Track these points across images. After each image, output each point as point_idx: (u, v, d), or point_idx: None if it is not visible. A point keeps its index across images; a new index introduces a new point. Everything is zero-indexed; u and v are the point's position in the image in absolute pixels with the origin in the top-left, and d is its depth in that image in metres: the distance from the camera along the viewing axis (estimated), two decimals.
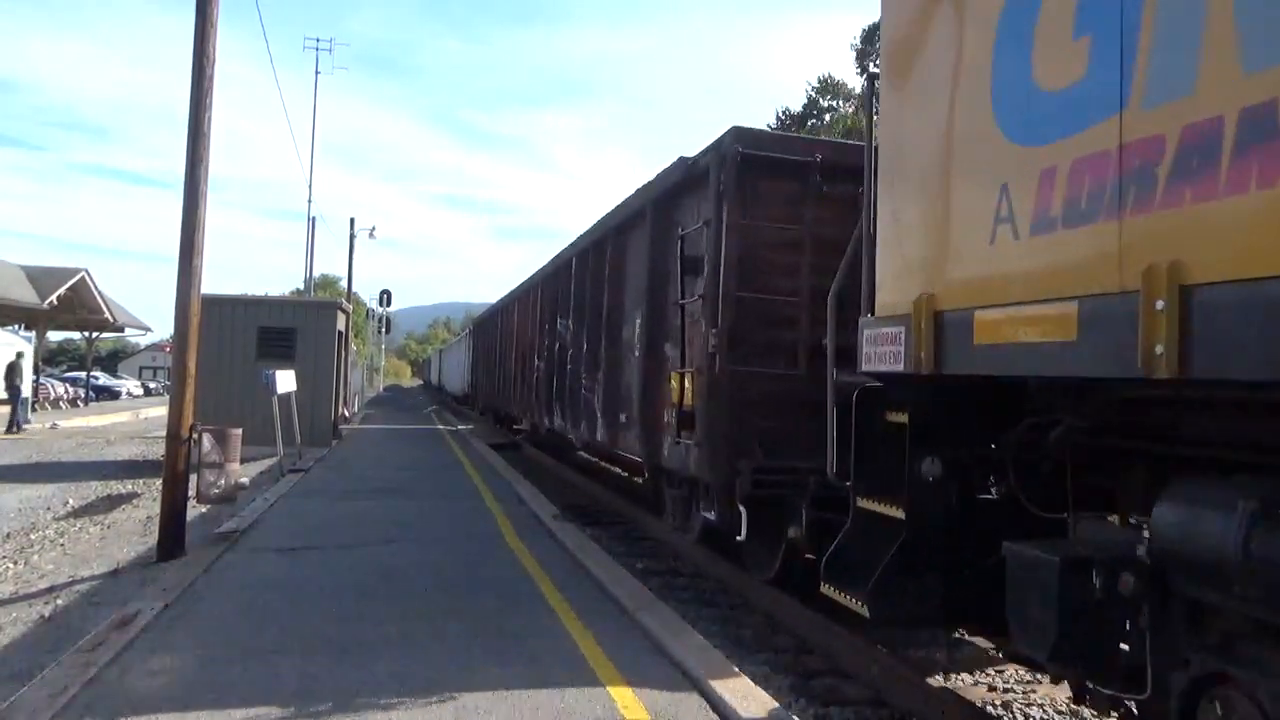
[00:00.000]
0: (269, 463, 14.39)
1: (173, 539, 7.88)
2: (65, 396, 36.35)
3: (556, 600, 6.12)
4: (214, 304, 15.66)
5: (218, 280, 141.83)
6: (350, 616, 5.60)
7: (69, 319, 31.66)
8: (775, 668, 5.40)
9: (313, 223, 33.10)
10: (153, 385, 56.15)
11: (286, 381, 14.03)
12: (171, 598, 5.90)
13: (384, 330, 51.25)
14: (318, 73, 36.26)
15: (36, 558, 8.99)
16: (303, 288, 35.31)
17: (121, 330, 36.68)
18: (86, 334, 36.54)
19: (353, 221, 39.45)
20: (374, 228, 39.95)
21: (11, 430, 22.18)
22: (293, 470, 13.56)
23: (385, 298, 44.51)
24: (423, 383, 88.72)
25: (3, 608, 7.00)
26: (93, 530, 10.41)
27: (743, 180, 6.85)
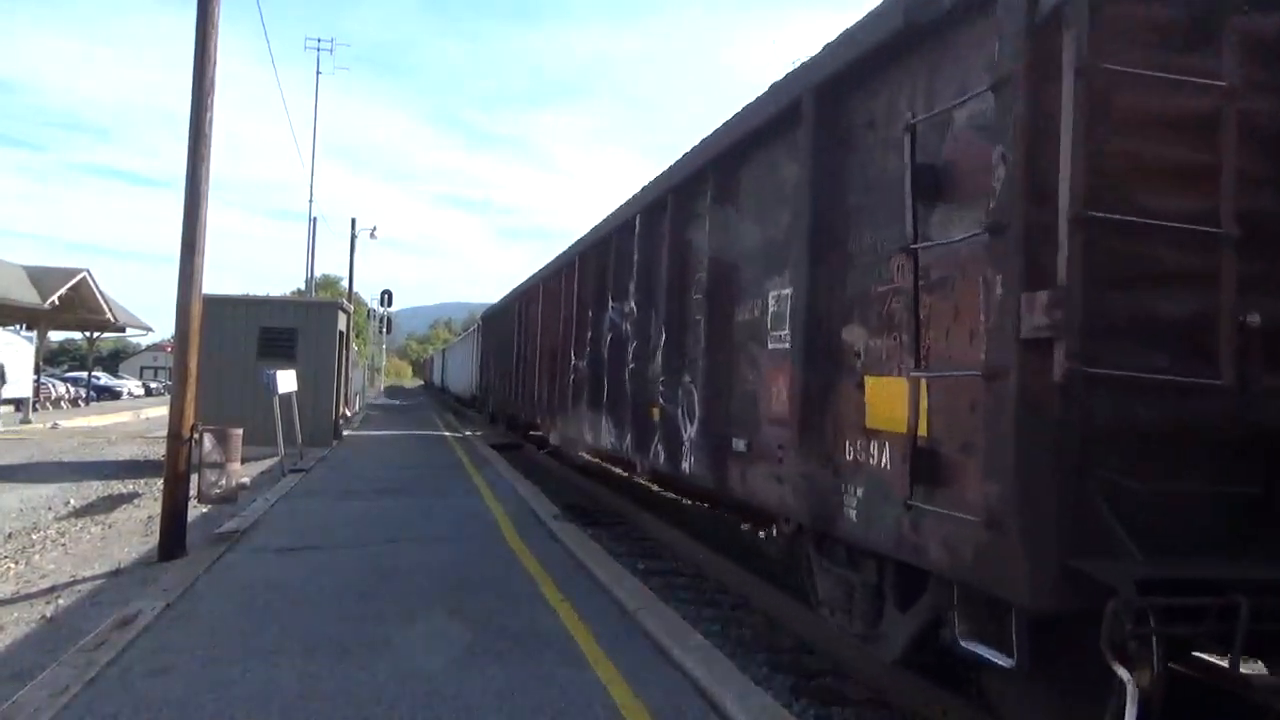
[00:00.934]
0: (270, 463, 14.40)
1: (174, 539, 7.89)
2: (66, 396, 36.48)
3: (557, 600, 6.13)
4: (215, 304, 15.66)
5: (218, 280, 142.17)
6: (351, 616, 5.61)
7: (70, 319, 31.72)
8: (775, 668, 5.40)
9: (314, 223, 33.16)
10: (154, 385, 56.15)
11: (287, 381, 14.05)
12: (173, 598, 5.92)
13: (385, 330, 51.24)
14: (319, 73, 36.26)
15: (38, 557, 9.01)
16: (304, 288, 35.30)
17: (123, 330, 36.74)
18: (88, 334, 36.64)
19: (354, 221, 39.46)
20: (375, 228, 39.93)
21: None
22: (294, 470, 13.58)
23: (386, 298, 44.51)
24: (424, 383, 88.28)
25: (4, 607, 7.01)
26: (94, 530, 10.43)
27: None
